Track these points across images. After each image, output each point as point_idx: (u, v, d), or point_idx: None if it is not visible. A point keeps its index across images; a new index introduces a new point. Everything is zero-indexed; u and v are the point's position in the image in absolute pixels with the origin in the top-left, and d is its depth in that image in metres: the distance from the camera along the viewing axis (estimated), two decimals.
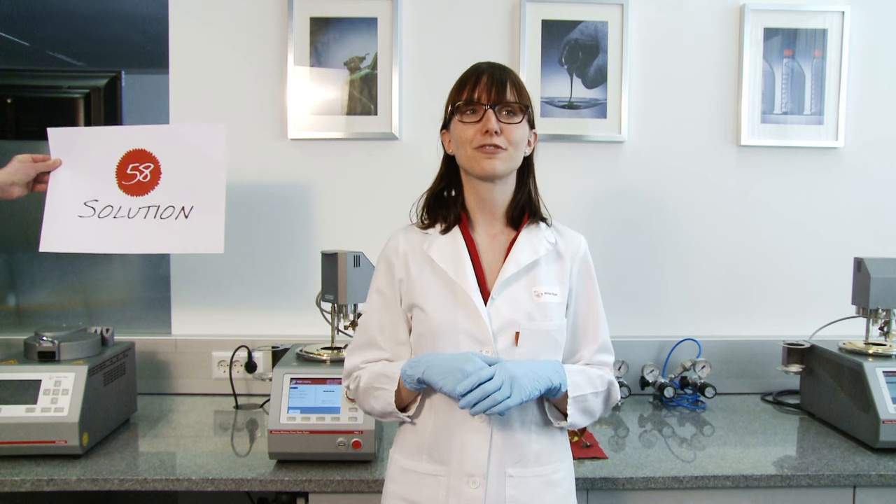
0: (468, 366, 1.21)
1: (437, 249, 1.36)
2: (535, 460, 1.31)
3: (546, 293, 1.33)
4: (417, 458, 1.33)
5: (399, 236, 1.42)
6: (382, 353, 1.39)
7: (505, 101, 1.30)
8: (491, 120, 1.29)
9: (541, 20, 2.29)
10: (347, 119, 2.29)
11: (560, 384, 1.26)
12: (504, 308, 1.31)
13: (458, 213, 1.38)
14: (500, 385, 1.19)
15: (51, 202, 1.82)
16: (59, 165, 1.83)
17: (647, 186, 2.36)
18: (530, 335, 1.30)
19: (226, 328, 2.32)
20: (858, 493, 1.70)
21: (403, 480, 1.34)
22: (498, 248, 1.37)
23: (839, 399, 1.97)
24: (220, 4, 2.27)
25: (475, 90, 1.31)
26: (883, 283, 1.97)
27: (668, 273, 2.38)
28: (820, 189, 2.39)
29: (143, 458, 1.74)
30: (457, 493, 1.28)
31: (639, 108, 2.34)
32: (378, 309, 1.40)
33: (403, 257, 1.38)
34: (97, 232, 1.80)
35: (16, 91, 2.91)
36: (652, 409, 2.20)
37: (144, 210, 1.81)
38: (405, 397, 1.33)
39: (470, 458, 1.28)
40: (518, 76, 1.37)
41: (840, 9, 2.32)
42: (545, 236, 1.38)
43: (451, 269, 1.33)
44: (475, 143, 1.30)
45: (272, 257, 2.33)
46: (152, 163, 1.84)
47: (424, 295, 1.33)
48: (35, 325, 1.92)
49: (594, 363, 1.39)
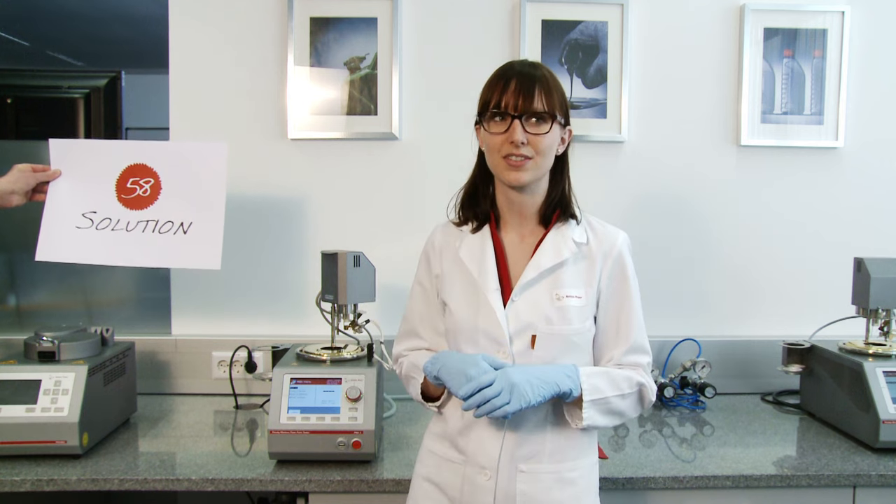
0: (472, 370, 1.23)
1: (466, 248, 1.39)
2: (549, 457, 1.33)
3: (568, 296, 1.33)
4: (442, 444, 1.39)
5: (437, 232, 1.47)
6: (423, 342, 1.47)
7: (532, 110, 1.29)
8: (517, 131, 1.28)
9: (541, 20, 2.29)
10: (347, 119, 2.29)
11: (570, 390, 1.26)
12: (523, 311, 1.32)
13: (488, 213, 1.40)
14: (500, 392, 1.20)
15: (49, 212, 1.82)
16: (58, 176, 1.83)
17: (647, 186, 2.36)
18: (547, 338, 1.31)
19: (226, 328, 2.32)
20: (858, 493, 1.70)
21: (429, 462, 1.42)
22: (525, 249, 1.38)
23: (839, 399, 1.97)
24: (220, 4, 2.27)
25: (503, 97, 1.30)
26: (883, 283, 1.97)
27: (668, 273, 2.38)
28: (820, 189, 2.39)
29: (143, 458, 1.74)
30: (471, 481, 1.33)
31: (639, 108, 2.34)
32: (418, 300, 1.48)
33: (439, 253, 1.43)
34: (94, 243, 1.80)
35: (16, 91, 2.91)
36: (652, 409, 2.20)
37: (143, 224, 1.81)
38: (433, 389, 1.39)
39: (484, 451, 1.32)
40: (549, 76, 1.33)
41: (840, 9, 2.32)
42: (573, 236, 1.37)
43: (475, 269, 1.36)
44: (502, 153, 1.31)
45: (272, 257, 2.33)
46: (153, 178, 1.85)
47: (452, 293, 1.38)
48: (35, 325, 1.91)
49: (625, 364, 1.37)
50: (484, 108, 1.33)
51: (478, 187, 1.43)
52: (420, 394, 1.42)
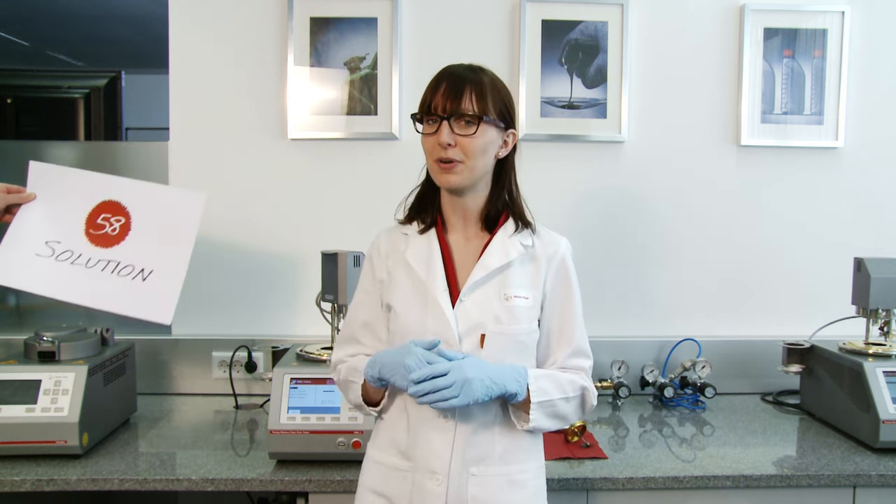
0: (409, 359, 1.22)
1: (413, 251, 1.38)
2: (498, 459, 1.32)
3: (516, 296, 1.33)
4: (388, 452, 1.36)
5: (382, 237, 1.45)
6: (364, 348, 1.43)
7: (459, 111, 1.28)
8: (443, 133, 1.28)
9: (541, 20, 2.29)
10: (347, 119, 2.29)
11: (517, 392, 1.26)
12: (472, 310, 1.32)
13: (434, 216, 1.40)
14: (452, 384, 1.20)
15: (11, 234, 1.75)
16: (32, 199, 1.77)
17: (647, 186, 2.36)
18: (496, 338, 1.31)
19: (226, 328, 2.32)
20: (858, 493, 1.70)
21: (374, 473, 1.38)
22: (472, 251, 1.37)
23: (839, 399, 1.97)
24: (220, 4, 2.27)
25: (433, 99, 1.30)
26: (883, 283, 1.97)
27: (669, 273, 2.38)
28: (820, 189, 2.39)
29: (143, 458, 1.74)
30: (420, 488, 1.30)
31: (639, 108, 2.34)
32: (361, 306, 1.44)
33: (385, 258, 1.41)
34: (49, 274, 1.73)
35: (16, 91, 2.91)
36: (652, 409, 2.20)
37: (104, 263, 1.75)
38: (373, 393, 1.36)
39: (433, 455, 1.30)
40: (488, 79, 1.33)
41: (840, 9, 2.32)
42: (520, 239, 1.37)
43: (422, 270, 1.35)
44: (434, 155, 1.31)
45: (272, 257, 2.33)
46: (124, 217, 1.79)
47: (398, 295, 1.36)
48: (35, 325, 1.91)
49: (568, 367, 1.37)
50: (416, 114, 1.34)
51: (426, 190, 1.42)
52: (360, 397, 1.38)
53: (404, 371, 1.22)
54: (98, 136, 2.83)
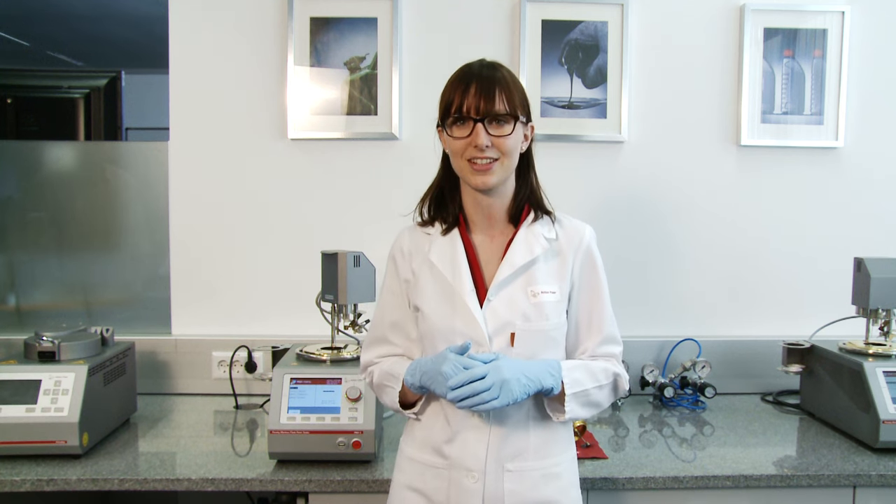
0: (445, 366, 1.23)
1: (436, 252, 1.37)
2: (533, 454, 1.33)
3: (543, 292, 1.33)
4: (423, 451, 1.37)
5: (404, 236, 1.44)
6: (395, 348, 1.44)
7: (494, 112, 1.28)
8: (480, 135, 1.27)
9: (541, 20, 2.29)
10: (347, 119, 2.29)
11: (552, 387, 1.27)
12: (501, 309, 1.32)
13: (457, 216, 1.39)
14: (490, 386, 1.21)
15: None
16: None
17: (647, 186, 2.36)
18: (526, 335, 1.31)
19: (226, 328, 2.32)
20: (858, 493, 1.70)
21: (410, 470, 1.38)
22: (496, 249, 1.37)
23: (839, 399, 1.97)
24: (220, 4, 2.27)
25: (464, 101, 1.28)
26: (883, 283, 1.97)
27: (668, 273, 2.38)
28: (820, 189, 2.39)
29: (143, 458, 1.74)
30: (458, 485, 1.31)
31: (639, 108, 2.34)
32: (388, 307, 1.44)
33: (408, 258, 1.41)
34: None
35: (16, 91, 2.91)
36: (652, 409, 2.20)
37: None
38: (411, 397, 1.37)
39: (469, 454, 1.31)
40: (508, 75, 1.33)
41: (840, 9, 2.32)
42: (543, 232, 1.37)
43: (448, 271, 1.35)
44: (466, 156, 1.30)
45: (272, 257, 2.33)
46: None
47: (424, 297, 1.36)
48: (35, 325, 1.92)
49: (599, 355, 1.38)
50: (445, 113, 1.32)
51: (444, 190, 1.42)
52: (397, 402, 1.38)
53: (442, 379, 1.23)
54: (98, 136, 2.83)
